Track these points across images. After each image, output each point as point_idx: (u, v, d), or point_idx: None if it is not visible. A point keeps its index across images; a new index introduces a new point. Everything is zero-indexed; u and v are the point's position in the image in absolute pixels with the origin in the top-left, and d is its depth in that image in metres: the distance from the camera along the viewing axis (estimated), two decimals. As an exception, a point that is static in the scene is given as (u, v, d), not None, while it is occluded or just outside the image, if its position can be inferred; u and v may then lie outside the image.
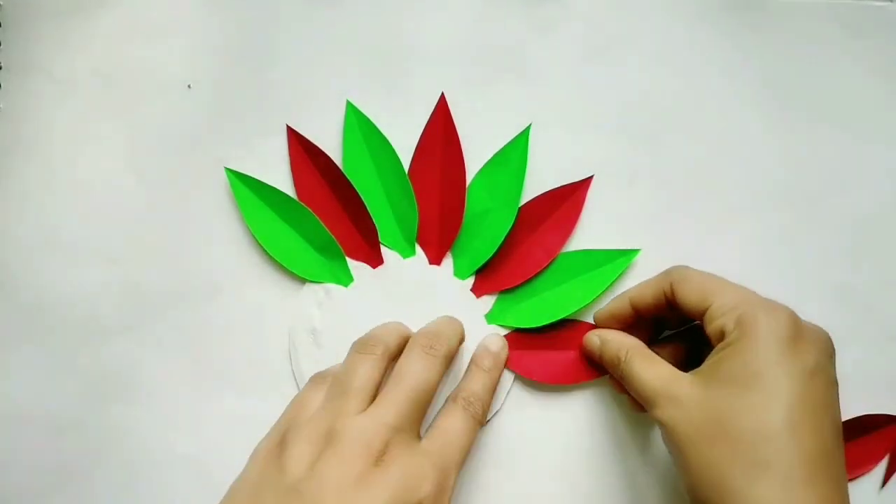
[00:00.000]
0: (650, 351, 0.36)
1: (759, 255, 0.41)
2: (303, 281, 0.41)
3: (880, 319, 0.41)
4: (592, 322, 0.40)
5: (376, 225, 0.40)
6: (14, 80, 0.41)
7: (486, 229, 0.40)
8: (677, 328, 0.39)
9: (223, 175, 0.41)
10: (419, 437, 0.34)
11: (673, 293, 0.35)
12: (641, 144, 0.41)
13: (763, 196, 0.41)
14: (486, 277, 0.40)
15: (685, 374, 0.33)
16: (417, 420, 0.34)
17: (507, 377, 0.40)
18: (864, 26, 0.41)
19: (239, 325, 0.41)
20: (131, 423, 0.40)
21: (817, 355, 0.32)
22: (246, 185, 0.40)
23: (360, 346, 0.36)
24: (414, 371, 0.34)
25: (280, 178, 0.41)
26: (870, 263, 0.41)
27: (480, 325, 0.40)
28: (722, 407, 0.31)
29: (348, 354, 0.36)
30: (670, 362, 0.35)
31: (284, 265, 0.40)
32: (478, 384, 0.37)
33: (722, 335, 0.33)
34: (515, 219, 0.40)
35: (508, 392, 0.40)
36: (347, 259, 0.41)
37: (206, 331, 0.41)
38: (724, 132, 0.41)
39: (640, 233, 0.41)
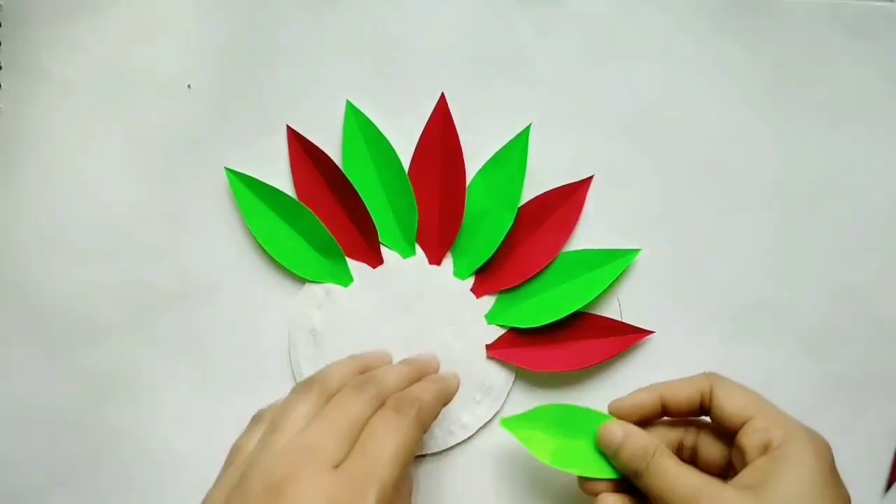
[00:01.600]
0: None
1: (760, 255, 0.41)
2: (303, 281, 0.41)
3: (880, 319, 0.41)
4: (588, 313, 0.40)
5: (376, 225, 0.40)
6: (14, 80, 0.41)
7: (485, 229, 0.40)
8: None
9: (223, 175, 0.41)
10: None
11: (712, 396, 0.35)
12: (641, 144, 0.41)
13: (763, 196, 0.41)
14: (486, 277, 0.40)
15: (722, 481, 0.33)
16: (338, 447, 0.31)
17: (508, 378, 0.40)
18: (864, 26, 0.41)
19: (239, 325, 0.41)
20: (131, 423, 0.40)
21: (848, 494, 0.33)
22: (246, 185, 0.40)
23: (301, 386, 0.34)
24: (342, 404, 0.32)
25: (280, 178, 0.41)
26: (870, 263, 0.41)
27: (481, 324, 0.40)
28: None
29: (288, 395, 0.34)
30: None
31: (284, 265, 0.40)
32: (417, 387, 0.35)
33: (766, 448, 0.33)
34: (515, 219, 0.40)
35: (508, 394, 0.40)
36: (347, 259, 0.41)
37: (206, 331, 0.41)
38: (725, 132, 0.41)
39: (640, 233, 0.41)
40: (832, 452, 0.33)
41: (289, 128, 0.41)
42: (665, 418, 0.36)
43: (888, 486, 0.41)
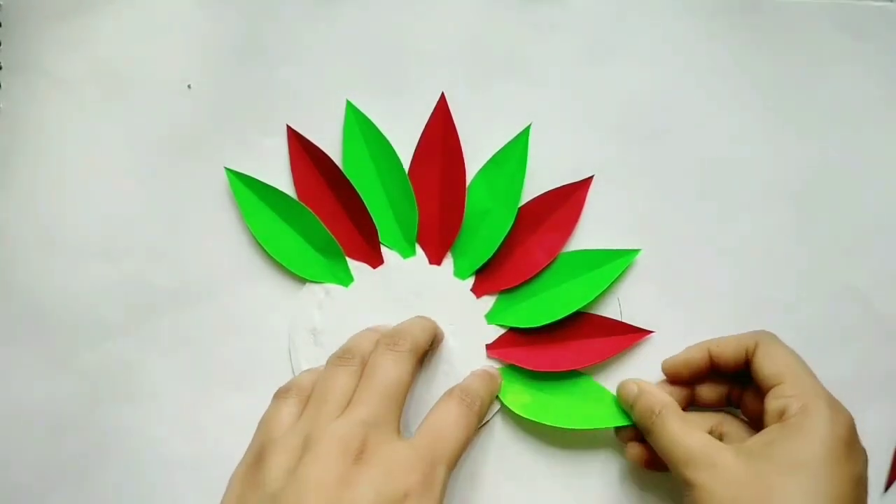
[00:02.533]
0: (686, 414, 0.36)
1: (759, 255, 0.41)
2: (303, 281, 0.41)
3: (880, 319, 0.41)
4: (588, 313, 0.40)
5: (377, 225, 0.40)
6: (14, 80, 0.41)
7: (486, 229, 0.40)
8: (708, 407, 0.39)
9: (223, 175, 0.41)
10: (399, 433, 0.34)
11: (754, 354, 0.36)
12: (641, 144, 0.41)
13: (763, 196, 0.41)
14: (486, 277, 0.40)
15: (726, 445, 0.33)
16: (394, 415, 0.34)
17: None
18: (863, 26, 0.41)
19: (239, 324, 0.41)
20: (131, 422, 0.40)
21: (863, 468, 0.33)
22: (246, 185, 0.40)
23: (337, 359, 0.36)
24: (380, 368, 0.34)
25: (280, 178, 0.41)
26: (870, 263, 0.41)
27: (481, 324, 0.40)
28: (770, 484, 0.31)
29: (326, 366, 0.36)
30: None
31: (284, 265, 0.40)
32: (476, 382, 0.37)
33: (781, 415, 0.33)
34: (515, 219, 0.40)
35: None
36: (348, 259, 0.41)
37: (206, 331, 0.41)
38: (724, 132, 0.41)
39: (639, 233, 0.41)
40: (852, 427, 0.33)
41: (289, 128, 0.41)
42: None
43: (888, 486, 0.41)
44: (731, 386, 0.38)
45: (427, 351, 0.38)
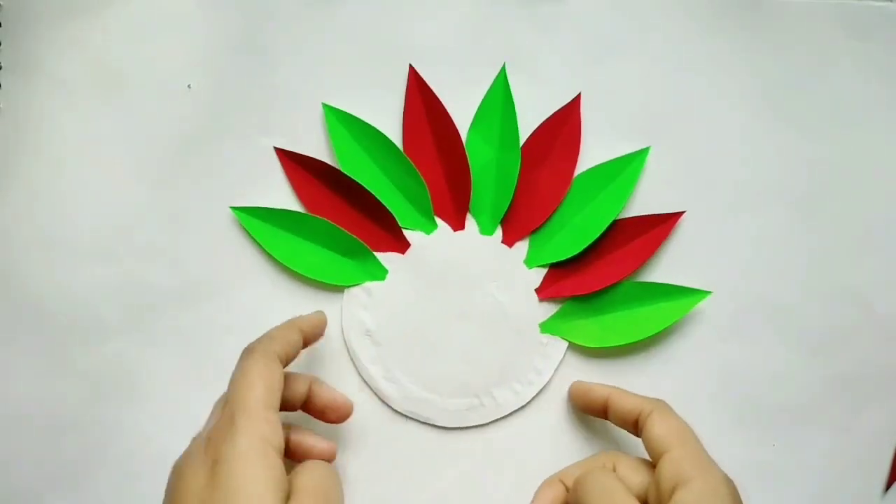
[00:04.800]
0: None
1: (759, 255, 0.41)
2: (302, 278, 0.41)
3: (880, 319, 0.41)
4: (616, 220, 0.40)
5: (392, 212, 0.40)
6: (14, 80, 0.41)
7: (496, 179, 0.40)
8: None
9: (223, 175, 0.41)
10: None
11: (647, 419, 0.35)
12: (641, 144, 0.41)
13: (763, 196, 0.41)
14: (513, 224, 0.40)
15: None
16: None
17: (560, 347, 0.40)
18: (864, 26, 0.41)
19: (238, 325, 0.41)
20: (131, 422, 0.40)
21: None
22: (253, 216, 0.40)
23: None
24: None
25: (280, 177, 0.41)
26: (870, 263, 0.41)
27: (522, 271, 0.40)
28: None
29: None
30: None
31: (319, 279, 0.40)
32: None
33: (674, 489, 0.32)
34: (521, 159, 0.40)
35: (561, 361, 0.40)
36: (375, 254, 0.41)
37: (206, 331, 0.41)
38: (724, 132, 0.41)
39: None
40: (731, 496, 0.32)
41: (277, 149, 0.41)
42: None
43: (888, 486, 0.41)
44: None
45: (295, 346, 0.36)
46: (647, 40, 0.41)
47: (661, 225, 0.40)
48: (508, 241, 0.41)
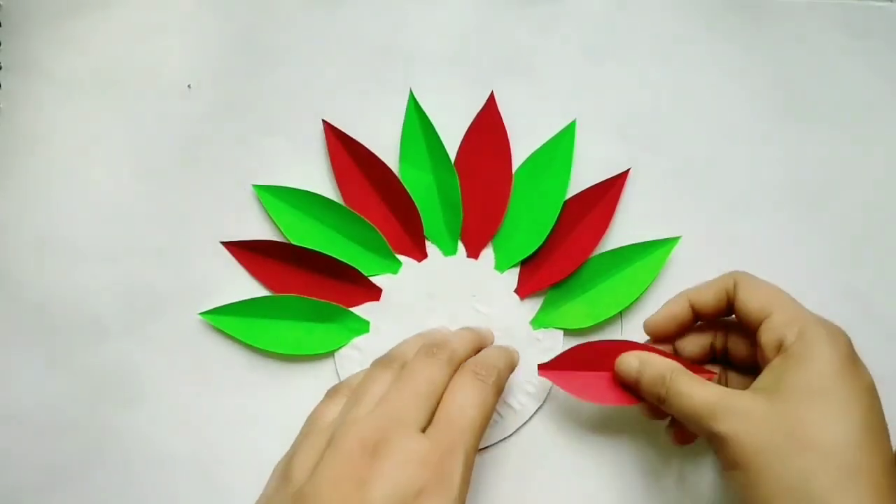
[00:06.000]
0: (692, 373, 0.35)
1: (760, 255, 0.41)
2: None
3: (880, 319, 0.41)
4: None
5: (354, 265, 0.40)
6: (14, 80, 0.41)
7: (440, 200, 0.40)
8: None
9: (222, 175, 0.41)
10: (423, 429, 0.32)
11: (735, 295, 0.35)
12: (641, 144, 0.41)
13: (763, 196, 0.41)
14: (471, 237, 0.40)
15: (740, 391, 0.33)
16: (421, 413, 0.32)
17: (556, 337, 0.40)
18: (864, 26, 0.41)
19: (239, 325, 0.41)
20: (131, 423, 0.40)
21: (870, 376, 0.33)
22: (225, 315, 0.40)
23: (380, 363, 0.35)
24: (414, 369, 0.34)
25: (280, 177, 0.41)
26: (870, 263, 0.41)
27: (494, 276, 0.40)
28: (794, 418, 0.31)
29: (368, 368, 0.36)
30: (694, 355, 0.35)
31: (308, 353, 0.40)
32: (492, 354, 0.36)
33: (779, 347, 0.33)
34: (458, 174, 0.40)
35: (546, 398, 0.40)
36: (352, 310, 0.41)
37: (205, 331, 0.41)
38: (724, 132, 0.41)
39: (639, 233, 0.40)
40: (849, 343, 0.33)
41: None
42: (698, 324, 0.37)
43: None
44: (714, 336, 0.37)
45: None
46: (647, 41, 0.41)
47: (611, 190, 0.40)
48: (473, 253, 0.41)
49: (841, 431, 0.30)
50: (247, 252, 0.41)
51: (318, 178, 0.41)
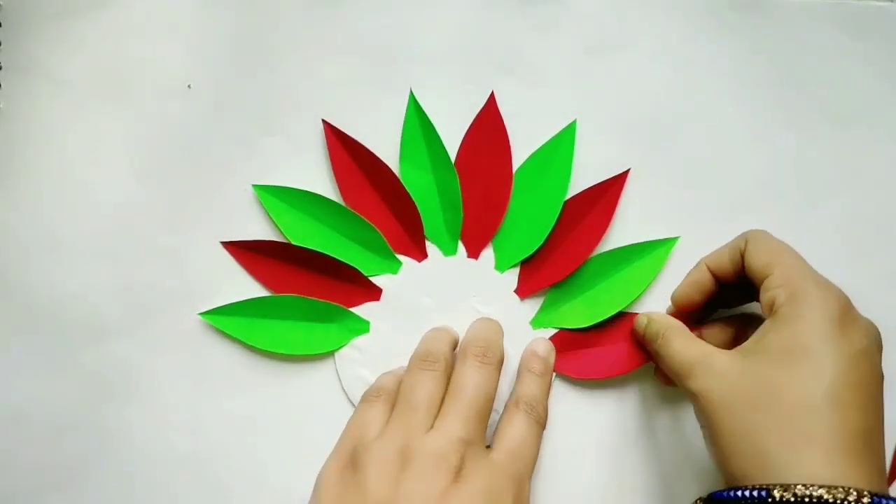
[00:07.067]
0: (691, 333, 0.36)
1: (760, 256, 0.41)
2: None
3: (880, 319, 0.41)
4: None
5: (354, 265, 0.40)
6: (14, 80, 0.41)
7: (440, 200, 0.40)
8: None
9: (222, 175, 0.41)
10: (486, 447, 0.34)
11: (745, 252, 0.35)
12: (641, 144, 0.41)
13: (763, 195, 0.41)
14: (472, 237, 0.40)
15: (725, 350, 0.33)
16: (483, 430, 0.34)
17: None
18: (864, 26, 0.41)
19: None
20: (131, 423, 0.40)
21: (865, 341, 0.32)
22: (225, 315, 0.40)
23: (420, 362, 0.36)
24: (472, 383, 0.35)
25: (280, 177, 0.41)
26: (869, 263, 0.41)
27: (494, 276, 0.40)
28: (764, 377, 0.31)
29: (408, 370, 0.36)
30: (717, 344, 0.35)
31: (308, 353, 0.40)
32: (534, 388, 0.37)
33: (772, 308, 0.33)
34: (458, 174, 0.40)
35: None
36: (352, 310, 0.41)
37: (205, 331, 0.41)
38: (724, 132, 0.41)
39: (639, 233, 0.40)
40: (845, 305, 0.32)
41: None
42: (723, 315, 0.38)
43: (888, 484, 0.41)
44: (737, 328, 0.38)
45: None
46: (647, 40, 0.41)
47: (610, 190, 0.40)
48: (473, 253, 0.41)
49: (806, 393, 0.30)
50: (247, 252, 0.41)
51: (318, 178, 0.41)
